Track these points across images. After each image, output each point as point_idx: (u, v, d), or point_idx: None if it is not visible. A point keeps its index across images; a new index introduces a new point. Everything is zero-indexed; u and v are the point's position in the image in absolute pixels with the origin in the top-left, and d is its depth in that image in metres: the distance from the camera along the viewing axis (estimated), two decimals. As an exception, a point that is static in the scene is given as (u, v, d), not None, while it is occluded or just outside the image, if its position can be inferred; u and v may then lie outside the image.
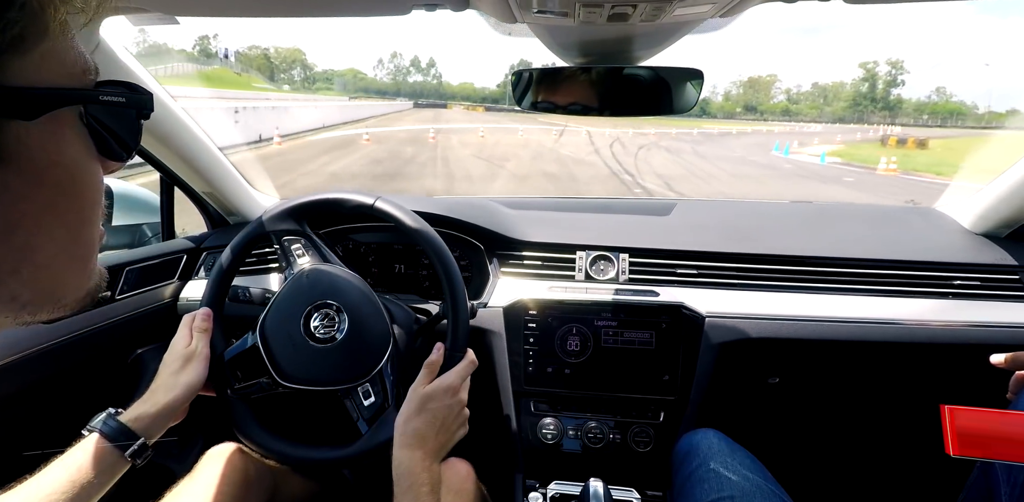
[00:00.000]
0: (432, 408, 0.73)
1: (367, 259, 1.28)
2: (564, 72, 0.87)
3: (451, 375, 0.77)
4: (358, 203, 0.88)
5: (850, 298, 1.08)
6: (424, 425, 0.72)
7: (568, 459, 1.08)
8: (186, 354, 0.78)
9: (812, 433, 1.34)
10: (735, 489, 0.75)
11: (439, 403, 0.73)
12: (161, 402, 0.72)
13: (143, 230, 1.32)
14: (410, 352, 0.87)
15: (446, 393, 0.74)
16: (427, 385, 0.75)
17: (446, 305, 0.83)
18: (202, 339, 0.81)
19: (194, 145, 1.13)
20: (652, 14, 0.64)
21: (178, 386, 0.74)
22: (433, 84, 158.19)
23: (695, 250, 1.14)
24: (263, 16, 0.78)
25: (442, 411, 0.73)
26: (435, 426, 0.72)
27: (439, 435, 0.73)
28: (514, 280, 1.16)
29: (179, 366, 0.77)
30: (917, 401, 1.26)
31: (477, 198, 1.42)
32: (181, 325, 0.83)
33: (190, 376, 0.76)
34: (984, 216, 1.19)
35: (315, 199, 0.91)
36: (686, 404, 1.05)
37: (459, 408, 0.76)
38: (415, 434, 0.71)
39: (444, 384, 0.75)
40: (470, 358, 0.80)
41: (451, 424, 0.75)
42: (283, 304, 0.86)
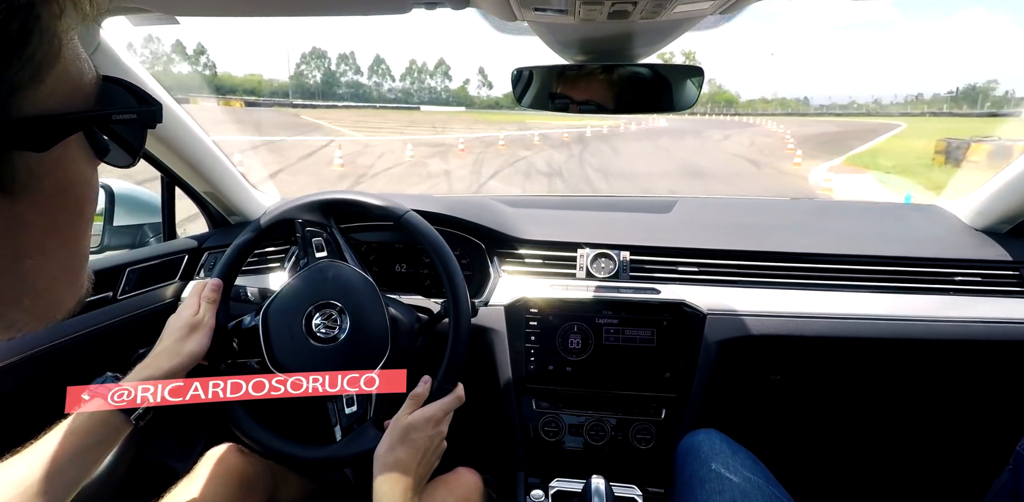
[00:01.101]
0: (414, 439, 0.73)
1: (368, 258, 1.28)
2: (564, 70, 0.87)
3: (435, 406, 0.76)
4: (385, 212, 0.89)
5: (851, 295, 1.09)
6: (406, 455, 0.71)
7: (570, 456, 1.08)
8: (192, 323, 0.79)
9: (814, 430, 1.34)
10: (736, 491, 0.75)
11: (421, 433, 0.73)
12: (164, 367, 0.73)
13: (144, 230, 1.32)
14: (410, 351, 0.87)
15: (428, 423, 0.74)
16: (410, 416, 0.75)
17: (449, 323, 0.84)
18: (209, 310, 0.82)
19: (195, 145, 1.13)
20: (652, 11, 0.64)
21: (182, 353, 0.75)
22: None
23: (696, 247, 1.14)
24: (262, 15, 0.78)
25: (423, 442, 0.73)
26: (416, 457, 0.72)
27: (420, 466, 0.73)
28: (515, 278, 1.17)
29: (184, 334, 0.77)
30: (919, 398, 1.26)
31: (477, 196, 1.42)
32: (191, 293, 0.85)
33: (194, 345, 0.77)
34: (984, 212, 1.19)
35: (346, 198, 0.92)
36: (687, 401, 1.05)
37: (439, 440, 0.76)
38: (397, 464, 0.71)
39: (426, 415, 0.75)
40: (458, 393, 0.80)
41: (431, 456, 0.75)
42: (291, 292, 0.87)
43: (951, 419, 1.27)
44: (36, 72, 0.25)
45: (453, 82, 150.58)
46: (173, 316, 0.82)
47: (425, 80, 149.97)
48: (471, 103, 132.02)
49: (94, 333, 1.00)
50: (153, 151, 1.09)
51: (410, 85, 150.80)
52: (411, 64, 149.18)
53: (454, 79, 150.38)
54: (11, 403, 0.88)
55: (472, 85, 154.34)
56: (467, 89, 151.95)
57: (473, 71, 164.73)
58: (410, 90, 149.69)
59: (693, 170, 11.35)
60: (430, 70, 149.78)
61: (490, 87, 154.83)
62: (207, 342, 0.79)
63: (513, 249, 1.19)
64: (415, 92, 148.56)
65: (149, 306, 1.13)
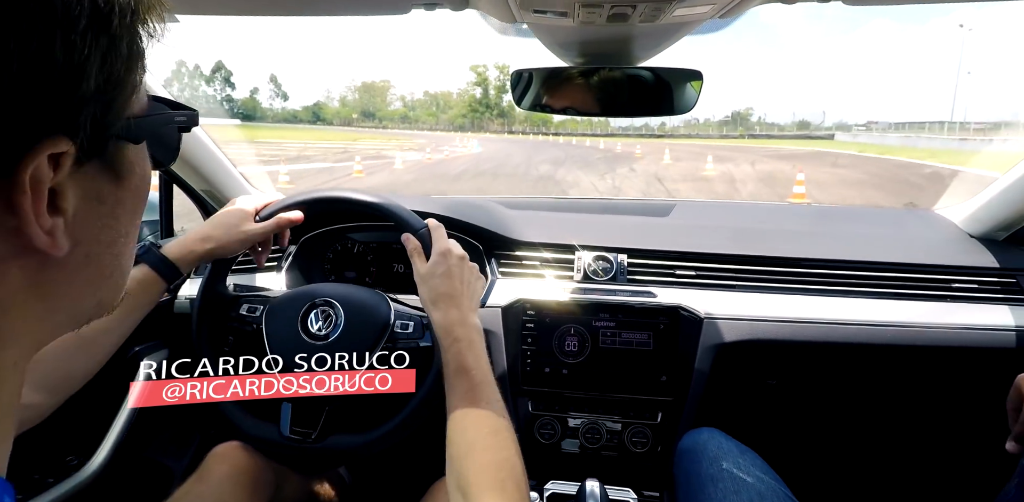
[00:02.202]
0: (441, 272, 0.74)
1: (366, 258, 1.28)
2: (563, 72, 0.87)
3: (435, 244, 0.78)
4: (407, 224, 0.88)
5: (848, 300, 1.09)
6: (443, 285, 0.73)
7: (565, 459, 1.08)
8: (243, 229, 0.82)
9: (810, 436, 1.34)
10: (752, 491, 0.75)
11: (444, 266, 0.75)
12: (207, 247, 0.79)
13: (141, 228, 1.32)
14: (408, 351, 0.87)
15: (443, 257, 0.76)
16: (423, 265, 0.77)
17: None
18: (275, 225, 0.84)
19: (192, 143, 1.13)
20: (652, 15, 0.64)
21: (233, 238, 0.81)
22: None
23: (694, 251, 1.14)
24: (263, 14, 0.78)
25: (454, 270, 0.75)
26: (454, 283, 0.74)
27: (464, 289, 0.75)
28: (512, 280, 1.16)
29: (239, 221, 0.81)
30: (916, 404, 1.26)
31: (476, 198, 1.42)
32: (263, 196, 0.88)
33: (248, 233, 0.81)
34: (982, 219, 1.19)
35: (372, 202, 0.90)
36: (684, 405, 1.05)
37: (464, 263, 0.77)
38: (439, 296, 0.73)
39: (437, 251, 0.76)
40: (432, 223, 0.81)
41: (468, 278, 0.76)
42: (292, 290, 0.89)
43: (949, 427, 1.27)
44: (142, 78, 0.31)
45: (237, 90, 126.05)
46: (233, 205, 0.85)
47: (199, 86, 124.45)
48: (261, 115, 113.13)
49: None
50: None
51: (180, 92, 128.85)
52: (179, 66, 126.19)
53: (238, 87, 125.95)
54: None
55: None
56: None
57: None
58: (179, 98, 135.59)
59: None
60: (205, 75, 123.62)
61: (285, 98, 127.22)
62: (244, 247, 0.83)
63: (511, 251, 1.19)
64: (187, 101, 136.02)
65: None
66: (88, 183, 0.29)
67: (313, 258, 1.28)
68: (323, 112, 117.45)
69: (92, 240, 0.30)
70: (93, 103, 0.26)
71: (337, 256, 1.29)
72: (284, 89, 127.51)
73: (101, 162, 0.29)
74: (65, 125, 0.26)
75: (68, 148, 0.26)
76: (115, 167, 0.30)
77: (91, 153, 0.28)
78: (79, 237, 0.29)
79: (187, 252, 0.77)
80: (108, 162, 0.30)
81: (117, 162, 0.30)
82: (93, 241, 0.30)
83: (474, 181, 11.61)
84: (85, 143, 0.27)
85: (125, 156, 0.31)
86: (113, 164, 0.30)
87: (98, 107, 0.27)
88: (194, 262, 0.79)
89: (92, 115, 0.27)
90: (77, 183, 0.28)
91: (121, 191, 0.31)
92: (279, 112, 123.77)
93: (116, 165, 0.30)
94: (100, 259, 0.32)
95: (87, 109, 0.26)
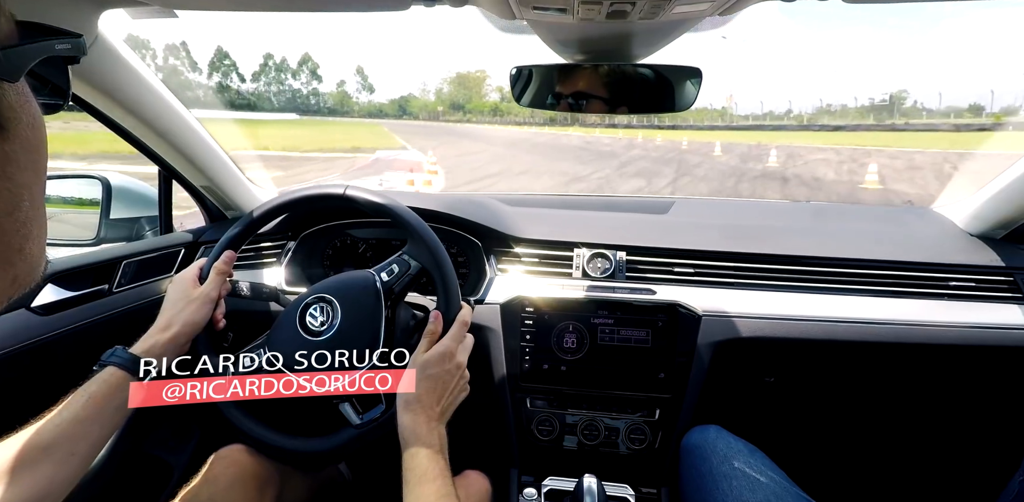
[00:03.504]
0: (432, 374, 0.74)
1: (365, 254, 1.28)
2: (563, 69, 0.87)
3: (445, 341, 0.77)
4: (327, 196, 0.89)
5: (846, 298, 1.09)
6: (426, 391, 0.73)
7: (563, 455, 1.09)
8: (194, 295, 0.81)
9: (807, 433, 1.35)
10: (767, 491, 0.76)
11: (438, 368, 0.75)
12: (171, 333, 0.77)
13: (141, 223, 1.32)
14: (407, 346, 0.87)
15: (443, 358, 0.75)
16: (426, 353, 0.76)
17: (435, 276, 0.83)
18: (216, 282, 0.83)
19: (192, 139, 1.13)
20: (651, 12, 0.64)
21: (190, 312, 0.79)
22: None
23: (692, 249, 1.14)
24: (261, 10, 0.78)
25: (442, 376, 0.74)
26: (436, 391, 0.74)
27: (442, 400, 0.74)
28: (511, 277, 1.17)
29: (184, 305, 0.80)
30: (913, 402, 1.27)
31: (475, 194, 1.42)
32: (193, 265, 0.87)
33: (195, 315, 0.80)
34: (980, 217, 1.19)
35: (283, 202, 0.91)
36: (682, 402, 1.05)
37: (458, 372, 0.77)
38: (419, 400, 0.72)
39: (440, 350, 0.76)
40: (462, 319, 0.80)
41: (453, 388, 0.76)
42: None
43: (946, 424, 1.27)
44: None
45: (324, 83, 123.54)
46: (173, 285, 0.83)
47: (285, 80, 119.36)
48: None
49: (89, 326, 1.00)
50: (150, 145, 1.09)
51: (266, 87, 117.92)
52: (266, 60, 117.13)
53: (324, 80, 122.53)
54: (6, 395, 0.88)
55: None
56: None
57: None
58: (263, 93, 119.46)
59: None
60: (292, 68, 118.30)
61: (371, 91, 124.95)
62: (208, 313, 0.81)
63: (510, 248, 1.19)
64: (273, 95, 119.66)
65: (145, 299, 1.13)
66: None
67: (312, 254, 1.28)
68: (409, 106, 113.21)
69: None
70: None
71: (336, 252, 1.29)
72: (370, 81, 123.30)
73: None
74: None
75: None
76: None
77: None
78: None
79: (152, 345, 0.76)
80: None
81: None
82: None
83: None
84: None
85: (2, 100, 0.25)
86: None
87: None
88: (164, 352, 0.76)
89: None
90: None
91: (8, 144, 0.26)
92: (364, 106, 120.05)
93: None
94: (2, 230, 0.27)
95: None
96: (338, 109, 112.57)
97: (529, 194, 2.08)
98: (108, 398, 0.68)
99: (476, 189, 9.32)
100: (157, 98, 1.02)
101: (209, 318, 0.82)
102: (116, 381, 0.70)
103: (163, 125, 1.06)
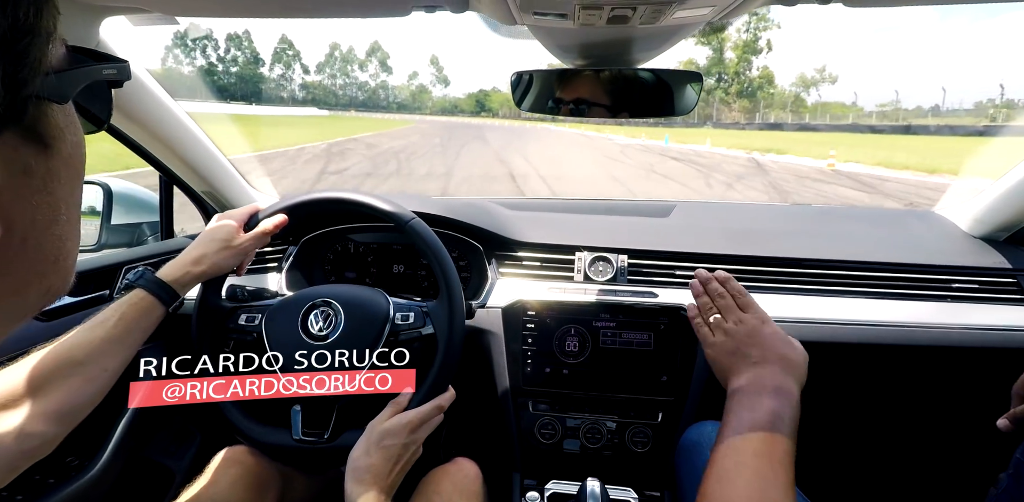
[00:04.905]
0: (388, 445, 0.73)
1: (366, 259, 1.28)
2: (564, 74, 0.87)
3: (412, 413, 0.76)
4: (392, 217, 0.88)
5: (848, 300, 1.09)
6: (380, 461, 0.71)
7: (566, 459, 1.08)
8: (234, 244, 0.82)
9: (808, 434, 1.34)
10: None
11: (396, 440, 0.73)
12: (202, 268, 0.79)
13: (142, 229, 1.32)
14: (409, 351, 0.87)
15: (404, 429, 0.74)
16: (387, 421, 0.75)
17: (439, 350, 0.84)
18: (257, 238, 0.84)
19: (193, 145, 1.13)
20: (652, 17, 0.64)
21: (227, 254, 0.81)
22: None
23: (694, 252, 1.14)
24: (262, 17, 0.78)
25: (397, 449, 0.73)
26: (390, 463, 0.72)
27: (392, 472, 0.73)
28: (513, 281, 1.17)
29: (228, 236, 0.82)
30: (915, 403, 1.27)
31: (476, 199, 1.42)
32: (242, 210, 0.87)
33: (240, 246, 0.82)
34: (982, 220, 1.19)
35: (354, 199, 0.90)
36: (684, 405, 1.05)
37: (414, 447, 0.76)
38: (370, 470, 0.71)
39: (403, 421, 0.75)
40: (438, 403, 0.79)
41: (404, 462, 0.75)
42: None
43: (949, 425, 1.27)
44: (56, 24, 0.26)
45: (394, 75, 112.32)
46: (217, 223, 0.84)
47: (351, 71, 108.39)
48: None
49: None
50: (151, 150, 1.09)
51: (331, 79, 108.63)
52: (332, 50, 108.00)
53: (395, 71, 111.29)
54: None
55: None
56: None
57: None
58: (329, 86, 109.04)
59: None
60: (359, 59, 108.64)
61: (446, 84, 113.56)
62: (237, 263, 0.84)
63: (512, 252, 1.19)
64: (339, 89, 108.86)
65: None
66: (11, 153, 0.25)
67: (313, 259, 1.28)
68: (488, 101, 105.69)
69: (27, 222, 0.27)
70: (2, 56, 0.23)
71: (337, 257, 1.29)
72: (445, 73, 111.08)
73: (22, 129, 0.26)
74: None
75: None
76: (40, 133, 0.27)
77: (9, 117, 0.24)
78: (11, 219, 0.26)
79: (183, 274, 0.77)
80: (31, 128, 0.26)
81: (42, 127, 0.27)
82: (28, 223, 0.27)
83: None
84: (0, 105, 0.23)
85: (50, 120, 0.27)
86: (37, 129, 0.27)
87: (7, 61, 0.23)
88: (191, 283, 0.79)
89: (2, 70, 0.23)
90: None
91: (51, 161, 0.28)
92: (438, 101, 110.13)
93: (41, 131, 0.27)
94: (40, 243, 0.28)
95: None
96: (408, 104, 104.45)
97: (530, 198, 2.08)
98: (137, 320, 0.71)
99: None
100: (158, 104, 1.02)
101: (234, 267, 0.84)
102: (145, 305, 0.72)
103: (164, 130, 1.06)
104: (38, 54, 0.25)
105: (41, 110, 0.27)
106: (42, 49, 0.25)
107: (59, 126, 0.28)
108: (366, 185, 9.81)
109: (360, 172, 11.50)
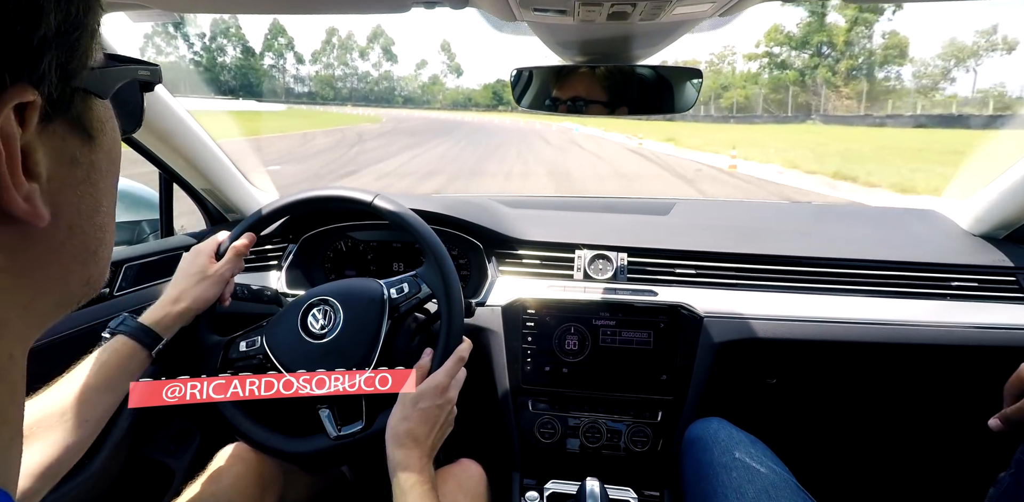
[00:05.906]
0: (423, 408, 0.73)
1: (366, 257, 1.28)
2: (564, 71, 0.87)
3: (439, 375, 0.77)
4: (351, 201, 0.88)
5: (848, 299, 1.08)
6: (417, 425, 0.72)
7: (565, 458, 1.08)
8: (208, 273, 0.82)
9: (809, 434, 1.34)
10: (766, 481, 0.76)
11: (429, 403, 0.74)
12: (182, 306, 0.79)
13: (142, 227, 1.32)
14: (407, 351, 0.87)
15: (435, 392, 0.75)
16: (416, 386, 0.75)
17: (441, 306, 0.83)
18: (233, 262, 0.84)
19: (193, 142, 1.13)
20: (652, 13, 0.64)
21: (204, 287, 0.81)
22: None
23: (694, 250, 1.14)
24: (262, 13, 0.78)
25: (433, 411, 0.74)
26: (427, 425, 0.73)
27: (432, 434, 0.74)
28: (513, 279, 1.16)
29: (202, 268, 0.82)
30: (916, 402, 1.26)
31: (476, 197, 1.42)
32: (210, 239, 0.86)
33: (208, 292, 0.81)
34: (982, 218, 1.19)
35: (313, 196, 0.91)
36: (684, 404, 1.05)
37: (448, 407, 0.77)
38: (409, 433, 0.72)
39: (432, 384, 0.75)
40: (459, 354, 0.80)
41: (442, 423, 0.76)
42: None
43: (949, 424, 1.27)
44: (100, 22, 0.28)
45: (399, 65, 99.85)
46: (188, 257, 0.84)
47: (351, 60, 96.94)
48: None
49: (89, 329, 0.99)
50: (152, 148, 1.09)
51: (324, 69, 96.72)
52: (329, 36, 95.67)
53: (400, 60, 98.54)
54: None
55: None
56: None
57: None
58: (327, 77, 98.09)
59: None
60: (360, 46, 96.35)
61: (458, 73, 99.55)
62: (219, 292, 0.83)
63: (511, 250, 1.19)
64: (337, 80, 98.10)
65: (145, 303, 1.12)
66: (59, 143, 0.27)
67: (313, 256, 1.28)
68: (506, 93, 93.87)
69: (73, 210, 0.29)
70: (55, 46, 0.25)
71: (337, 254, 1.29)
72: (457, 61, 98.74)
73: (69, 120, 0.28)
74: (28, 71, 0.24)
75: (34, 97, 0.24)
76: (85, 125, 0.29)
77: (58, 107, 0.26)
78: (59, 206, 0.27)
79: (163, 315, 0.77)
80: (77, 120, 0.28)
81: (86, 120, 0.29)
82: (74, 211, 0.29)
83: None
84: (52, 93, 0.25)
85: (93, 113, 0.29)
86: (82, 122, 0.28)
87: (60, 51, 0.25)
88: (175, 323, 0.78)
89: (55, 60, 0.25)
90: (48, 143, 0.26)
91: (94, 153, 0.29)
92: (450, 93, 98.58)
93: (85, 123, 0.29)
94: (84, 231, 0.30)
95: (49, 53, 0.25)
96: (416, 97, 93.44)
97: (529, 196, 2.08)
98: (119, 367, 0.70)
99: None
100: (156, 100, 1.02)
101: (218, 297, 0.84)
102: (127, 350, 0.72)
103: (163, 128, 1.06)
104: (85, 48, 0.27)
105: (86, 103, 0.28)
106: (88, 44, 0.27)
107: (101, 120, 0.30)
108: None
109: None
